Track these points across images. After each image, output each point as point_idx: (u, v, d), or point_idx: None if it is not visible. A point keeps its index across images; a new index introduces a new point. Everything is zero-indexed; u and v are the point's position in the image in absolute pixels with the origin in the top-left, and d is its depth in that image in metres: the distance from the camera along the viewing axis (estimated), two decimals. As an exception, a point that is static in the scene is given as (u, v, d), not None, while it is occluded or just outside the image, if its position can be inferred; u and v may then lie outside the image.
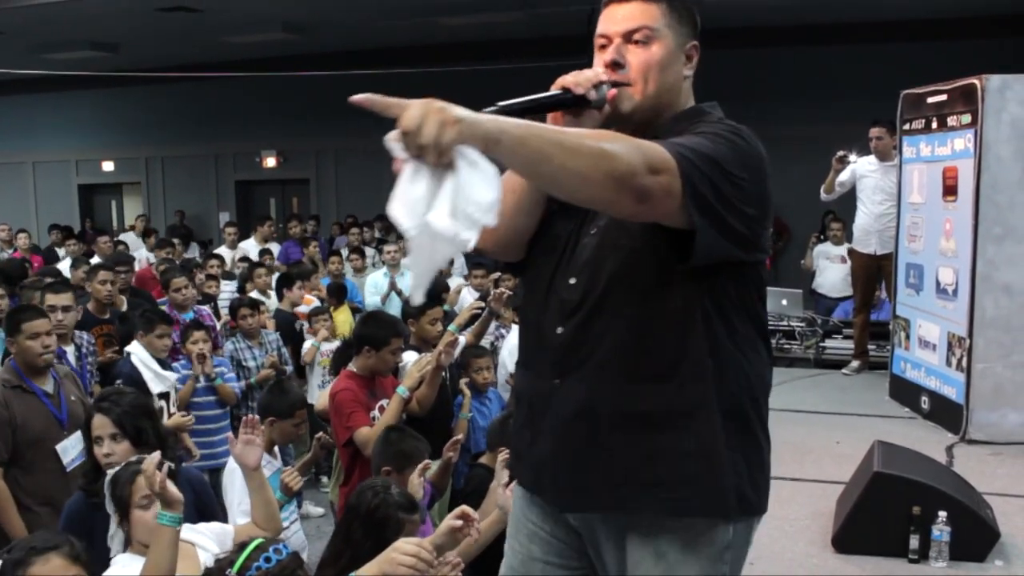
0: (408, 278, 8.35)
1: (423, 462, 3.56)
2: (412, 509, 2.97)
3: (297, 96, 13.87)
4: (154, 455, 2.70)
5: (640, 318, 1.88)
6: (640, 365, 1.89)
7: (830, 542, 3.88)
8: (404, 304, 6.20)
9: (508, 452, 2.84)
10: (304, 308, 7.55)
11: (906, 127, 6.25)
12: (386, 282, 8.47)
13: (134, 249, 11.79)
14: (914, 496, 3.67)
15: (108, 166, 17.30)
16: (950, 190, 5.62)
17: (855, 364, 7.14)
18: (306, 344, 6.99)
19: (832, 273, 9.60)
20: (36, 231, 16.23)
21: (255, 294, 7.74)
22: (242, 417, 5.95)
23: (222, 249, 10.98)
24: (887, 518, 3.70)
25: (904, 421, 5.84)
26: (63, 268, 9.01)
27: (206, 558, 2.76)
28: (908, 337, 6.18)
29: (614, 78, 1.90)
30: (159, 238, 12.03)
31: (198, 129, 15.58)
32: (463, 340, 4.92)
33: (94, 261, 8.78)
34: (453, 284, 8.19)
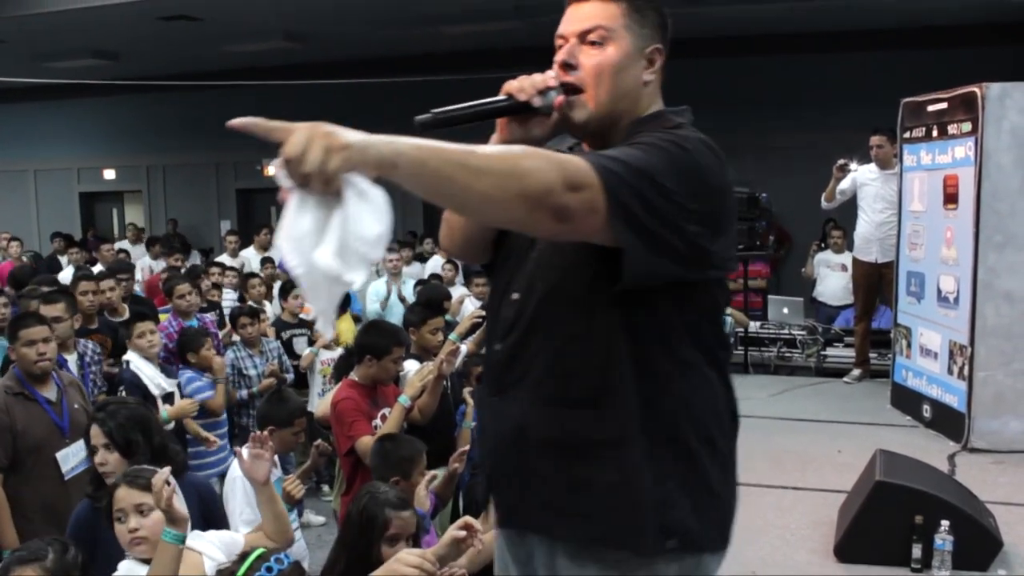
0: (410, 286, 8.40)
1: (428, 473, 3.57)
2: (400, 506, 2.98)
3: (298, 105, 13.85)
4: (164, 471, 2.71)
5: (567, 340, 1.78)
6: (565, 389, 1.78)
7: (832, 551, 3.88)
8: (406, 313, 6.20)
9: None
10: (306, 317, 7.55)
11: (906, 135, 6.26)
12: (385, 289, 8.48)
13: (137, 257, 11.80)
14: (916, 505, 3.67)
15: (109, 174, 17.30)
16: (951, 198, 5.63)
17: (856, 372, 7.14)
18: (305, 351, 7.01)
19: (833, 281, 9.60)
20: (37, 239, 16.24)
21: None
22: (242, 425, 6.09)
23: (223, 257, 10.98)
24: (889, 527, 3.70)
25: (906, 430, 5.84)
26: (65, 276, 9.00)
27: (211, 567, 2.76)
28: (909, 345, 6.18)
29: (566, 79, 1.80)
30: (164, 246, 12.01)
31: (199, 138, 15.57)
32: (464, 349, 4.92)
33: (97, 269, 8.79)
34: (455, 293, 8.19)
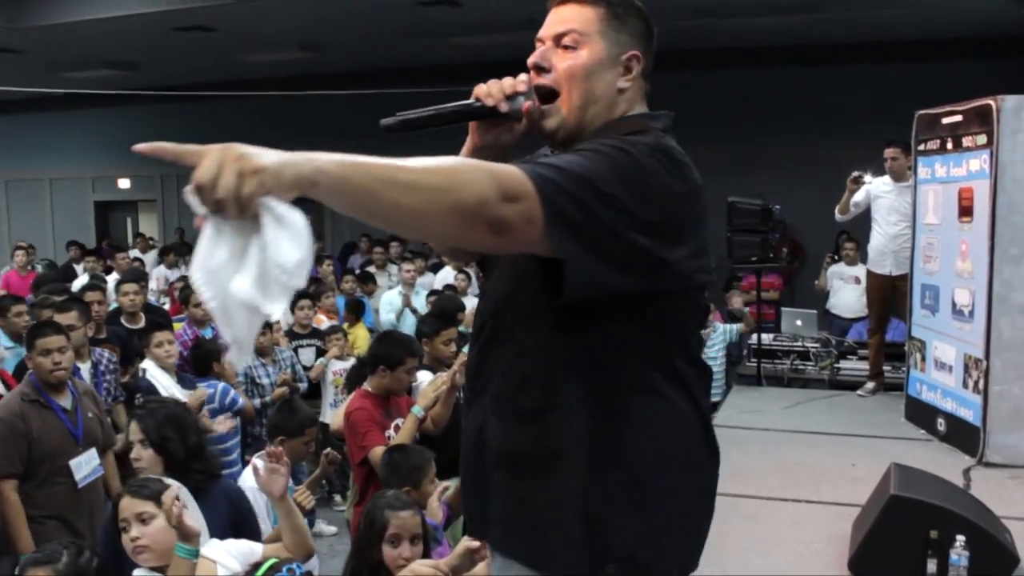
0: (423, 296, 8.41)
1: (441, 484, 3.58)
2: (399, 506, 3.01)
3: (311, 114, 13.92)
4: (173, 488, 2.74)
5: (517, 352, 1.74)
6: (515, 402, 1.75)
7: (847, 566, 3.85)
8: (418, 323, 6.21)
9: None
10: (318, 327, 7.57)
11: (921, 147, 6.24)
12: (400, 300, 8.49)
13: (152, 266, 11.85)
14: (931, 520, 3.64)
15: (124, 183, 17.39)
16: (966, 211, 5.60)
17: (870, 385, 7.11)
18: (315, 362, 7.03)
19: (846, 294, 9.57)
20: (52, 248, 16.32)
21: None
22: (254, 434, 6.09)
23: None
24: (904, 542, 3.67)
25: (920, 443, 5.80)
26: (79, 285, 9.04)
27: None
28: (924, 359, 6.15)
29: (539, 82, 1.77)
30: (176, 255, 12.06)
31: (213, 147, 15.65)
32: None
33: (113, 278, 8.84)
34: (468, 304, 8.20)
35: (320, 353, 7.16)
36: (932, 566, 3.62)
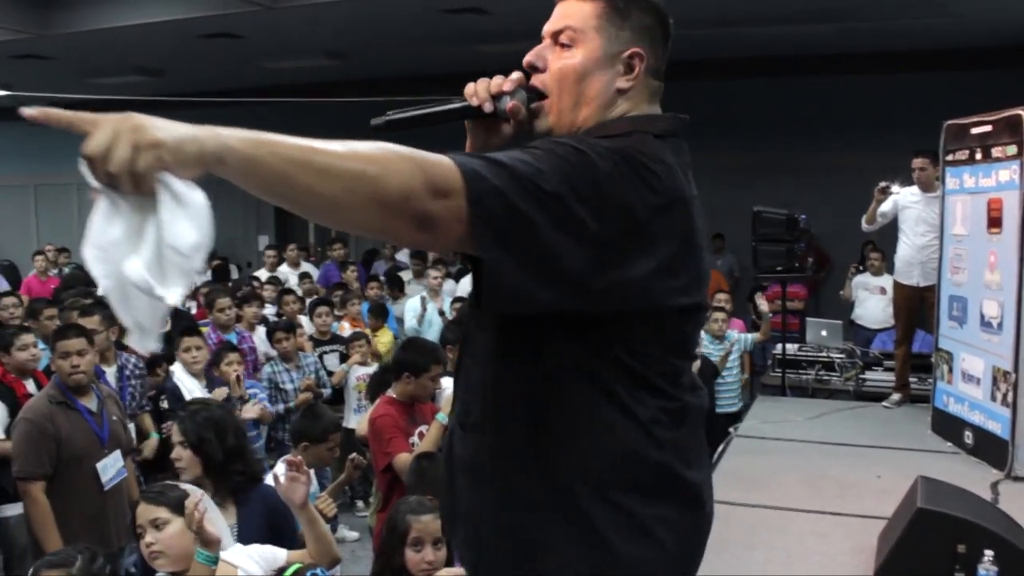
0: (447, 304, 8.42)
1: None
2: (420, 511, 3.03)
3: (336, 121, 13.95)
4: (195, 494, 2.76)
5: (472, 361, 1.69)
6: (469, 412, 1.69)
7: (872, 579, 3.82)
8: (443, 330, 6.22)
9: None
10: (344, 333, 7.61)
11: (949, 158, 6.19)
12: (421, 305, 8.52)
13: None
14: (959, 534, 3.59)
15: (151, 188, 17.56)
16: (995, 222, 5.55)
17: (896, 397, 7.05)
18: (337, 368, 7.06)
19: (871, 304, 9.51)
20: (79, 252, 16.46)
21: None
22: (277, 439, 6.12)
23: (262, 272, 11.10)
24: (931, 556, 3.63)
25: (947, 456, 5.74)
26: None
27: (246, 582, 2.79)
28: (951, 370, 6.09)
29: (531, 83, 1.69)
30: (216, 267, 12.13)
31: (239, 153, 15.75)
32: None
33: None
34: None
35: (343, 358, 7.18)
36: (960, 581, 3.58)
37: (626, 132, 1.58)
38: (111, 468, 4.30)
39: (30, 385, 4.89)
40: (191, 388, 5.29)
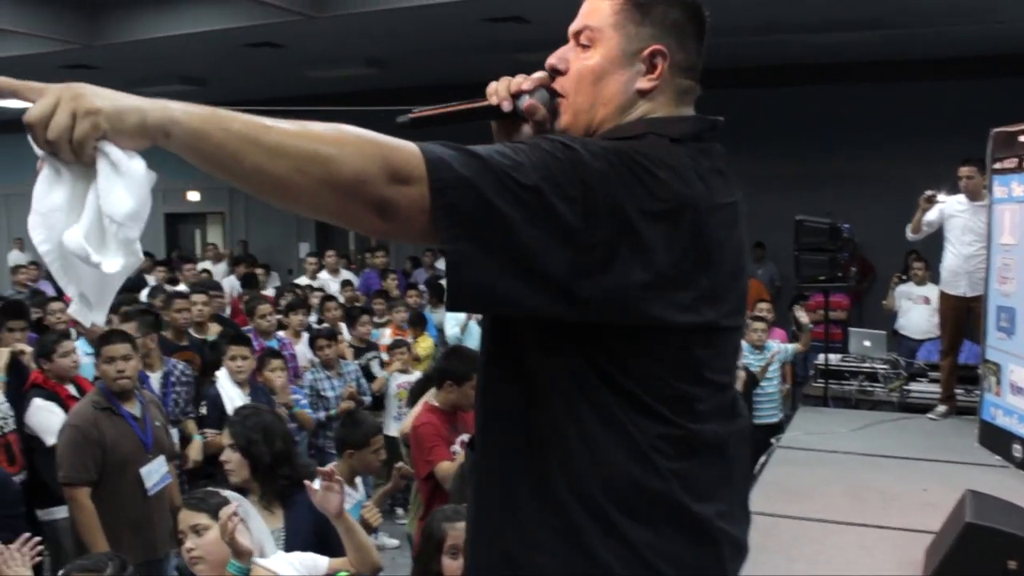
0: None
1: None
2: (456, 518, 3.02)
3: (375, 129, 14.06)
4: (231, 505, 2.78)
5: (479, 373, 1.63)
6: (477, 430, 1.64)
7: (919, 594, 3.76)
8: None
9: None
10: (386, 341, 7.66)
11: (997, 166, 6.09)
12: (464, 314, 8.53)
13: (217, 277, 12.05)
14: (1009, 550, 3.52)
15: (193, 196, 17.74)
16: (1044, 231, 5.45)
17: (941, 409, 6.94)
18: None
19: (915, 314, 9.38)
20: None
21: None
22: (318, 446, 6.15)
23: (302, 279, 11.18)
24: (980, 572, 3.56)
25: (995, 469, 5.63)
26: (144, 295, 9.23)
27: (285, 588, 2.81)
28: (999, 382, 5.98)
29: (553, 85, 1.60)
30: (245, 275, 12.25)
31: (280, 161, 15.88)
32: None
33: (177, 289, 9.00)
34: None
35: (381, 364, 7.23)
36: (1010, 597, 3.51)
37: (639, 134, 1.48)
38: (155, 474, 4.33)
39: (72, 389, 4.94)
40: (233, 396, 5.32)
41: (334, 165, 1.23)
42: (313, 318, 8.56)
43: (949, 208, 6.84)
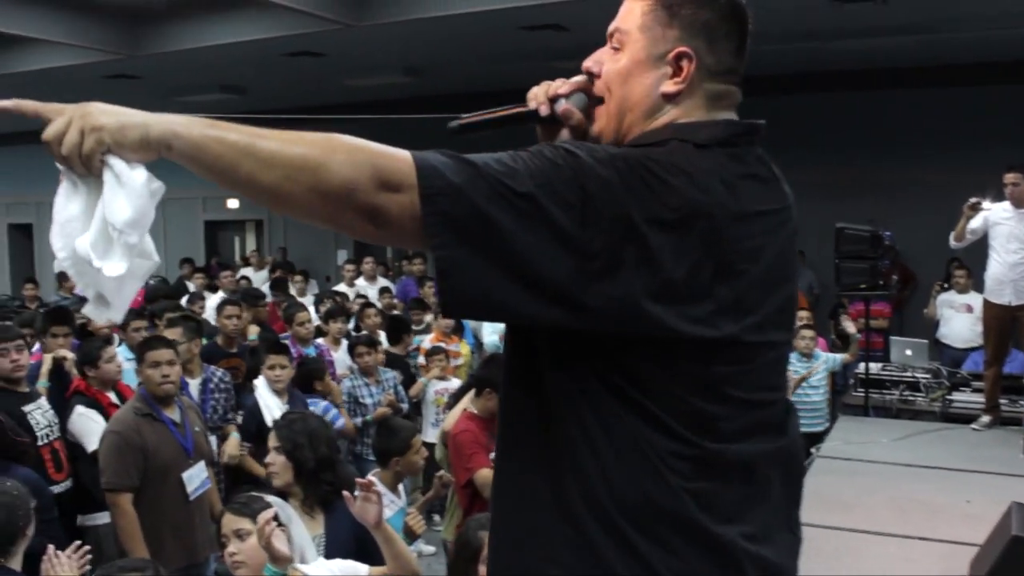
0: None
1: None
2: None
3: (413, 137, 14.02)
4: (270, 510, 2.80)
5: (503, 377, 1.60)
6: (499, 429, 1.62)
7: (963, 608, 3.70)
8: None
9: None
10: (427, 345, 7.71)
11: (1043, 172, 6.00)
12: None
13: (258, 284, 12.15)
14: (1057, 563, 3.46)
15: (233, 203, 17.90)
16: (1092, 239, 5.35)
17: (985, 419, 6.83)
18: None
19: (957, 323, 9.25)
20: (164, 264, 16.90)
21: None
22: (355, 453, 6.18)
23: (341, 286, 11.25)
24: (1026, 585, 3.50)
25: (1041, 481, 5.54)
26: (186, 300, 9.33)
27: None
28: (1045, 393, 5.88)
29: (592, 88, 1.58)
30: (274, 280, 12.35)
31: (319, 169, 16.02)
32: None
33: (216, 296, 9.10)
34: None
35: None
36: (1057, 612, 3.44)
37: (662, 140, 1.44)
38: (196, 479, 4.37)
39: (113, 396, 4.99)
40: (272, 406, 5.36)
41: (324, 173, 1.27)
42: (350, 325, 8.61)
43: (994, 215, 6.74)
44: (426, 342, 7.93)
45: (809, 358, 7.20)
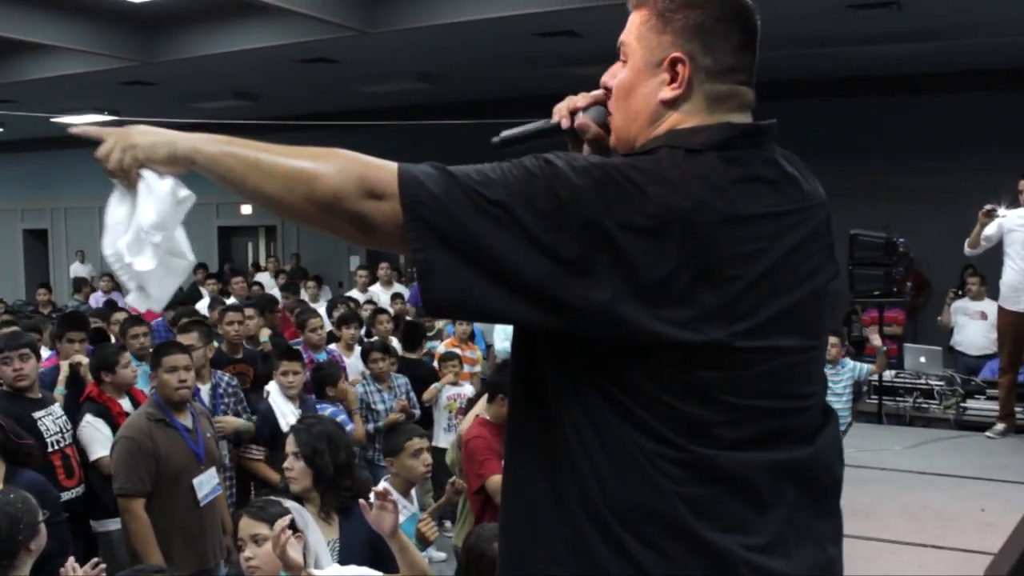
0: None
1: None
2: None
3: (426, 143, 14.10)
4: (285, 518, 2.80)
5: (509, 384, 1.63)
6: (506, 434, 1.66)
7: (978, 616, 3.67)
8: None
9: None
10: (441, 350, 7.72)
11: (1059, 179, 5.97)
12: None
13: (269, 289, 12.19)
14: (1072, 572, 3.44)
15: (246, 209, 17.96)
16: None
17: (1000, 427, 6.79)
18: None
19: (972, 330, 9.21)
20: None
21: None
22: (367, 458, 6.18)
23: (354, 292, 11.27)
24: (1042, 594, 3.48)
25: (1056, 490, 5.50)
26: (203, 306, 9.36)
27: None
28: (1060, 400, 5.85)
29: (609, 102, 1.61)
30: (286, 282, 12.38)
31: (332, 175, 16.06)
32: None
33: (229, 302, 9.12)
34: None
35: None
36: (1072, 622, 3.42)
37: (654, 148, 1.45)
38: (207, 484, 4.38)
39: (125, 403, 5.00)
40: (285, 412, 5.37)
41: (315, 183, 1.39)
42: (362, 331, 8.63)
43: (1009, 222, 6.70)
44: (440, 347, 7.94)
45: (834, 365, 7.14)
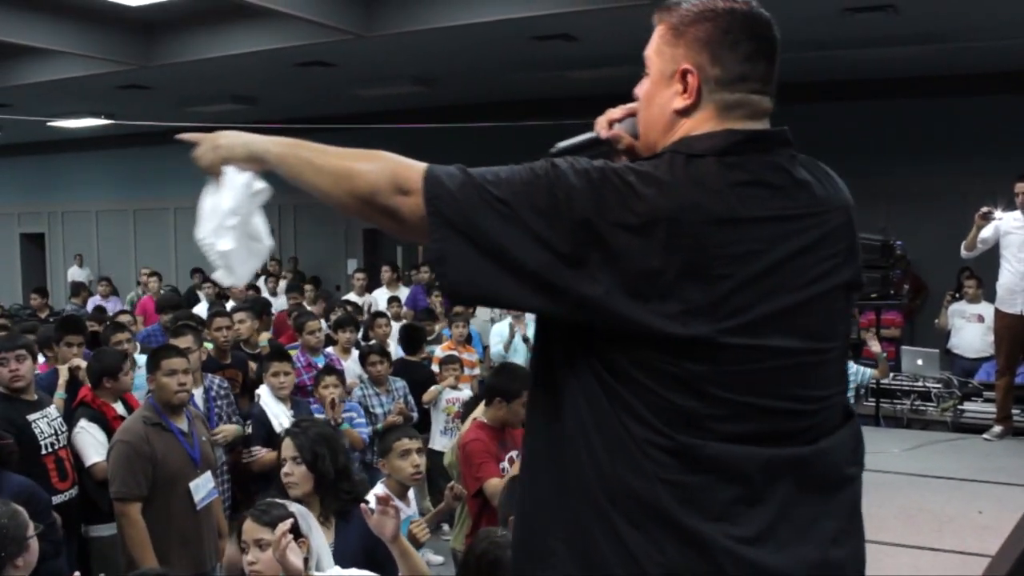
0: (531, 328, 8.41)
1: None
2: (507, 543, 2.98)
3: (424, 147, 14.07)
4: (286, 522, 2.80)
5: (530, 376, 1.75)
6: (526, 423, 1.78)
7: (975, 619, 3.68)
8: (532, 355, 6.22)
9: None
10: (440, 354, 7.71)
11: (1055, 182, 5.98)
12: (508, 332, 8.52)
13: (267, 293, 12.18)
14: (1069, 575, 3.44)
15: (243, 213, 18.03)
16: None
17: (997, 429, 6.80)
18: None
19: (969, 333, 9.22)
20: (175, 274, 16.96)
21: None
22: (365, 462, 6.17)
23: (351, 295, 11.26)
24: (1039, 597, 3.48)
25: (1054, 492, 5.51)
26: (200, 310, 9.34)
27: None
28: (1057, 403, 5.85)
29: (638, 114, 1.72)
30: (288, 284, 12.37)
31: (329, 178, 16.07)
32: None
33: (230, 305, 9.11)
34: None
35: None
36: (1069, 624, 3.42)
37: (658, 155, 1.57)
38: (203, 488, 4.37)
39: (119, 407, 4.99)
40: (277, 413, 5.36)
41: (357, 180, 1.59)
42: (359, 334, 8.62)
43: (1005, 225, 6.72)
44: (439, 351, 7.93)
45: None
